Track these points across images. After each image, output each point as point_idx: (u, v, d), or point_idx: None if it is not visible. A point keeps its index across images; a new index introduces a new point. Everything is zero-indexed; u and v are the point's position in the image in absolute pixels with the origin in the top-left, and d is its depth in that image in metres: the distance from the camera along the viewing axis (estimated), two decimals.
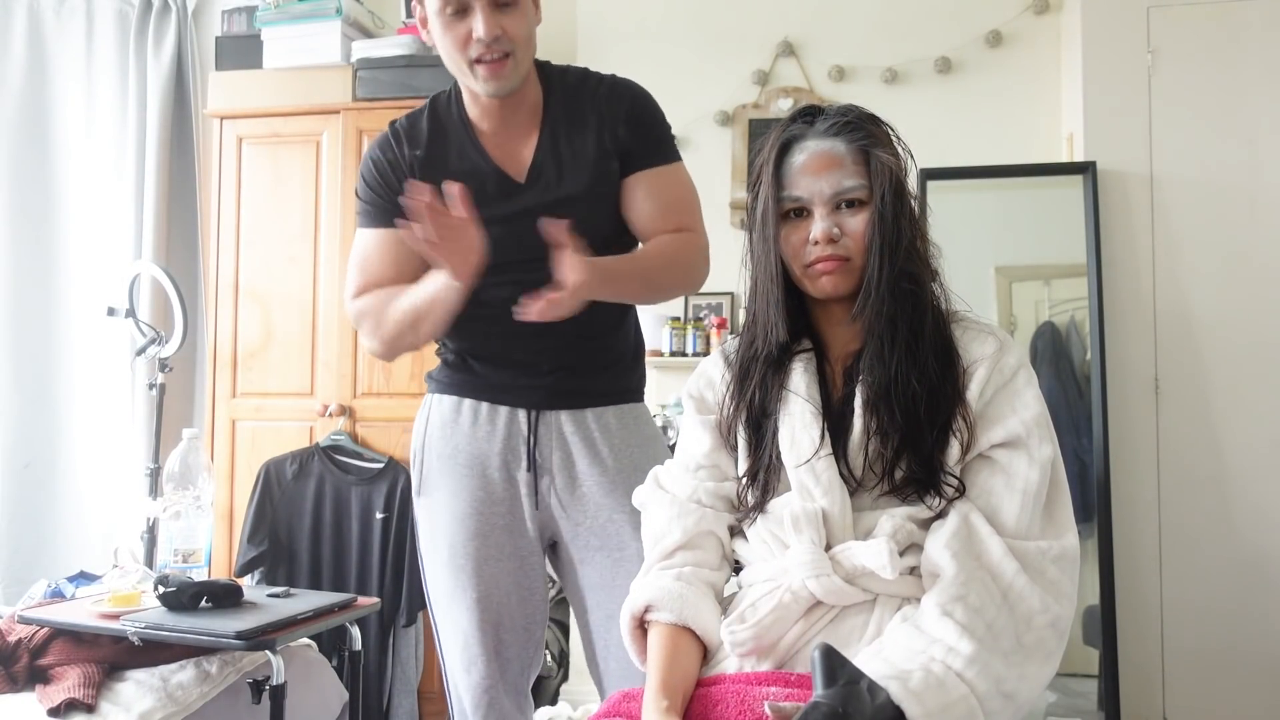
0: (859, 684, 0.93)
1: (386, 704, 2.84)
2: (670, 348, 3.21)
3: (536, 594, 1.66)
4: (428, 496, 1.67)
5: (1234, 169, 2.82)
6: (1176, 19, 2.86)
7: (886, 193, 1.18)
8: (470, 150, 1.59)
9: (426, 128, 1.61)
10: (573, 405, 1.62)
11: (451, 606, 1.64)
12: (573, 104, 1.61)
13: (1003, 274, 3.04)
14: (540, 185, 1.58)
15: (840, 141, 1.21)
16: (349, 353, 3.00)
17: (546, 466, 1.62)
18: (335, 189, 3.04)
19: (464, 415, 1.64)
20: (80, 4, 3.38)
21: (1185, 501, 2.79)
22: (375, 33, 3.20)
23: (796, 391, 1.21)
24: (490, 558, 1.61)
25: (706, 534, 1.24)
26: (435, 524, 1.65)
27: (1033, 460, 1.13)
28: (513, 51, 1.50)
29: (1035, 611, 1.07)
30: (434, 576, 1.67)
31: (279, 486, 2.90)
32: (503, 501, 1.62)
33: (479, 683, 1.62)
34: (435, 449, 1.65)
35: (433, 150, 1.60)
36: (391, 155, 1.61)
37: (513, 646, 1.64)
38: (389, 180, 1.60)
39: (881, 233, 1.18)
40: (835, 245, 1.19)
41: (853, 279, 1.20)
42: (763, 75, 3.34)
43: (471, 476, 1.62)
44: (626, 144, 1.60)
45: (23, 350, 3.25)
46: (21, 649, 1.96)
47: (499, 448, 1.62)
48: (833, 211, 1.20)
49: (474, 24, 1.47)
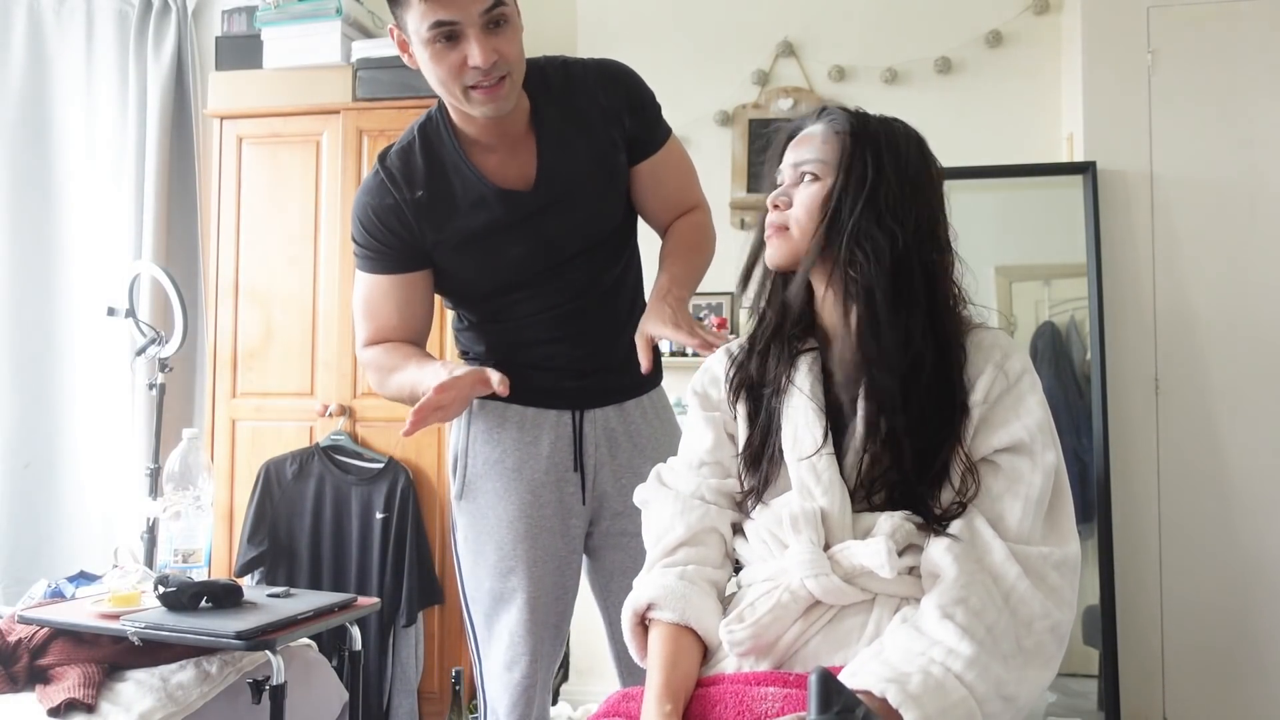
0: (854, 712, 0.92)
1: (386, 704, 2.84)
2: (671, 347, 3.21)
3: (569, 592, 1.69)
4: (471, 501, 1.66)
5: (1234, 169, 2.82)
6: (1176, 19, 2.86)
7: (848, 172, 1.18)
8: (471, 179, 1.54)
9: (422, 165, 1.54)
10: (615, 400, 1.66)
11: (498, 608, 1.64)
12: (565, 102, 1.58)
13: (1003, 274, 3.04)
14: (549, 188, 1.56)
15: (822, 123, 1.24)
16: (349, 353, 3.00)
17: (592, 464, 1.65)
18: (335, 189, 3.04)
19: (510, 420, 1.64)
20: (80, 4, 3.37)
21: (1185, 501, 2.79)
22: (375, 33, 3.20)
23: (801, 388, 1.21)
24: (539, 560, 1.63)
25: (710, 530, 1.24)
26: (480, 527, 1.64)
27: (1036, 465, 1.12)
28: (509, 73, 1.45)
29: (1036, 616, 1.07)
30: (475, 579, 1.67)
31: (279, 486, 2.90)
32: (549, 504, 1.63)
33: (520, 680, 1.63)
34: (481, 454, 1.64)
35: (433, 188, 1.54)
36: (390, 200, 1.54)
37: (548, 643, 1.66)
38: (391, 225, 1.55)
39: (832, 209, 1.18)
40: (777, 213, 1.23)
41: (786, 250, 1.23)
42: (763, 75, 3.34)
43: (520, 480, 1.62)
44: (633, 132, 1.62)
45: (23, 350, 3.25)
46: (21, 649, 1.96)
47: (546, 450, 1.63)
48: (795, 184, 1.23)
49: (469, 51, 1.40)
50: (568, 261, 1.57)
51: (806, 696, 0.93)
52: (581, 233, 1.59)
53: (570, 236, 1.58)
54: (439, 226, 1.54)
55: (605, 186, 1.61)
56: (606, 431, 1.65)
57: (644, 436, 1.67)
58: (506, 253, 1.54)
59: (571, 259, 1.58)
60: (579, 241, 1.59)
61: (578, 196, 1.57)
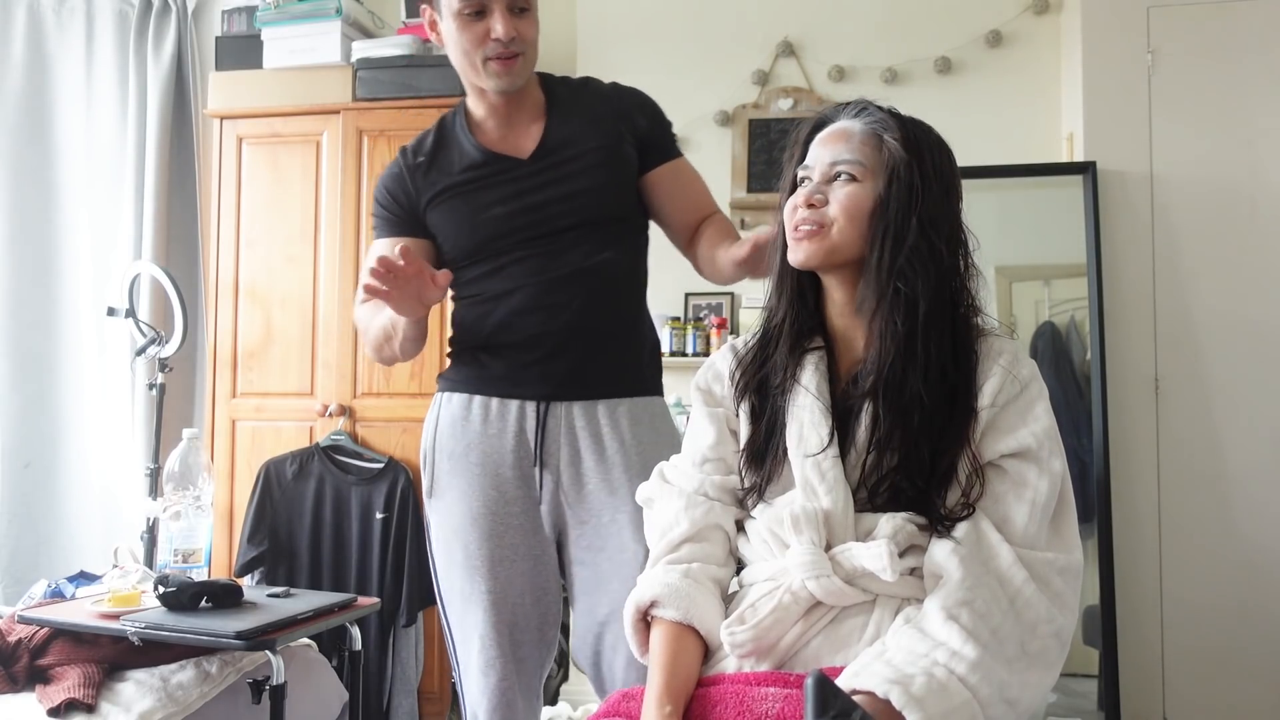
0: (850, 716, 0.92)
1: (386, 704, 2.84)
2: (670, 348, 3.21)
3: (550, 593, 1.66)
4: (439, 499, 1.66)
5: (1234, 169, 2.82)
6: (1176, 19, 2.86)
7: (894, 181, 1.17)
8: (469, 148, 1.68)
9: (431, 141, 1.72)
10: (583, 396, 1.62)
11: (467, 609, 1.63)
12: (578, 99, 1.71)
13: (1003, 274, 3.04)
14: (547, 161, 1.65)
15: (857, 121, 1.23)
16: (349, 353, 3.00)
17: (553, 462, 1.61)
18: (335, 189, 3.04)
19: (474, 412, 1.64)
20: (80, 4, 3.37)
21: (1185, 501, 2.79)
22: (375, 33, 3.20)
23: (807, 387, 1.21)
24: (505, 558, 1.61)
25: (714, 527, 1.24)
26: (448, 526, 1.64)
27: (1043, 472, 1.13)
28: (524, 52, 1.61)
29: (1041, 620, 1.07)
30: (447, 579, 1.66)
31: (279, 486, 2.90)
32: (516, 500, 1.62)
33: (496, 684, 1.61)
34: (446, 449, 1.65)
35: (433, 157, 1.70)
36: (397, 169, 1.71)
37: (526, 646, 1.63)
38: (394, 192, 1.71)
39: (885, 219, 1.17)
40: (814, 211, 1.20)
41: (823, 249, 1.20)
42: (763, 75, 3.34)
43: (484, 475, 1.62)
44: (646, 134, 1.69)
45: (23, 350, 3.25)
46: (22, 649, 1.96)
47: (511, 444, 1.61)
48: (827, 182, 1.21)
49: (492, 24, 1.57)
50: (560, 234, 1.62)
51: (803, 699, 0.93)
52: (572, 204, 1.63)
53: (560, 207, 1.63)
54: (432, 185, 1.68)
55: (604, 168, 1.65)
56: (570, 431, 1.61)
57: (609, 445, 1.60)
58: (488, 209, 1.62)
59: (563, 232, 1.62)
60: (571, 215, 1.62)
61: (573, 170, 1.64)
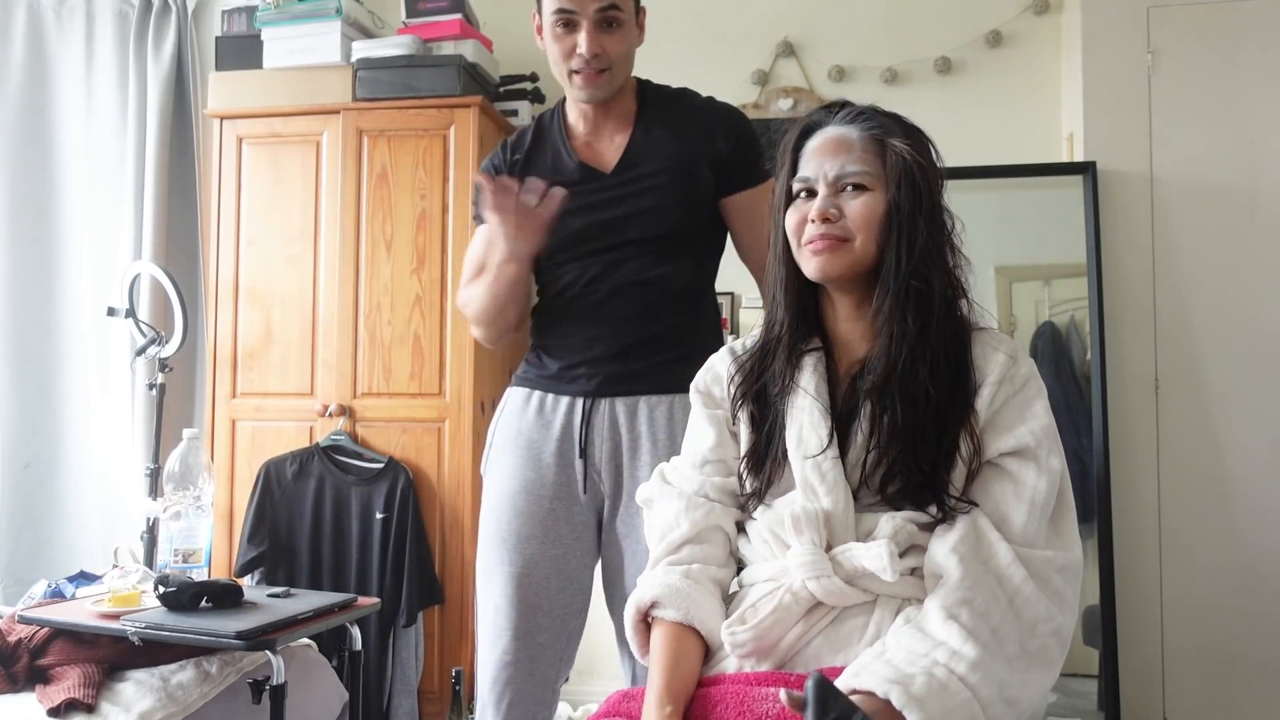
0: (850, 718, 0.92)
1: (386, 704, 2.84)
2: None
3: (577, 584, 1.70)
4: (488, 476, 1.77)
5: (1234, 169, 2.82)
6: (1176, 19, 2.86)
7: (903, 185, 1.18)
8: (562, 151, 1.75)
9: (530, 138, 1.79)
10: (625, 392, 1.68)
11: (490, 581, 1.71)
12: (669, 111, 1.75)
13: (1003, 274, 3.04)
14: (627, 175, 1.70)
15: (855, 128, 1.23)
16: (349, 353, 3.00)
17: (596, 456, 1.68)
18: (335, 189, 3.03)
19: (532, 405, 1.73)
20: (80, 4, 3.37)
21: (1185, 501, 2.79)
22: (375, 33, 3.20)
23: (806, 389, 1.21)
24: (532, 536, 1.68)
25: (714, 529, 1.25)
26: (489, 502, 1.75)
27: (1041, 470, 1.13)
28: (609, 68, 1.66)
29: (1041, 619, 1.07)
30: (481, 552, 1.75)
31: (279, 486, 2.90)
32: (553, 485, 1.69)
33: (500, 657, 1.66)
34: (502, 432, 1.76)
35: (531, 154, 1.77)
36: (498, 161, 1.80)
37: (547, 632, 1.68)
38: None
39: (898, 224, 1.17)
40: (831, 225, 1.19)
41: (846, 262, 1.20)
42: (763, 75, 3.34)
43: (527, 459, 1.70)
44: (727, 157, 1.71)
45: (23, 350, 3.25)
46: (22, 649, 1.96)
47: (557, 434, 1.70)
48: (835, 194, 1.21)
49: (579, 39, 1.64)
50: (623, 246, 1.67)
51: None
52: (640, 220, 1.67)
53: (629, 221, 1.68)
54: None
55: (676, 186, 1.68)
56: (613, 426, 1.68)
57: (645, 442, 1.66)
58: (566, 221, 1.65)
59: (626, 245, 1.67)
60: (636, 230, 1.68)
61: (647, 186, 1.68)
